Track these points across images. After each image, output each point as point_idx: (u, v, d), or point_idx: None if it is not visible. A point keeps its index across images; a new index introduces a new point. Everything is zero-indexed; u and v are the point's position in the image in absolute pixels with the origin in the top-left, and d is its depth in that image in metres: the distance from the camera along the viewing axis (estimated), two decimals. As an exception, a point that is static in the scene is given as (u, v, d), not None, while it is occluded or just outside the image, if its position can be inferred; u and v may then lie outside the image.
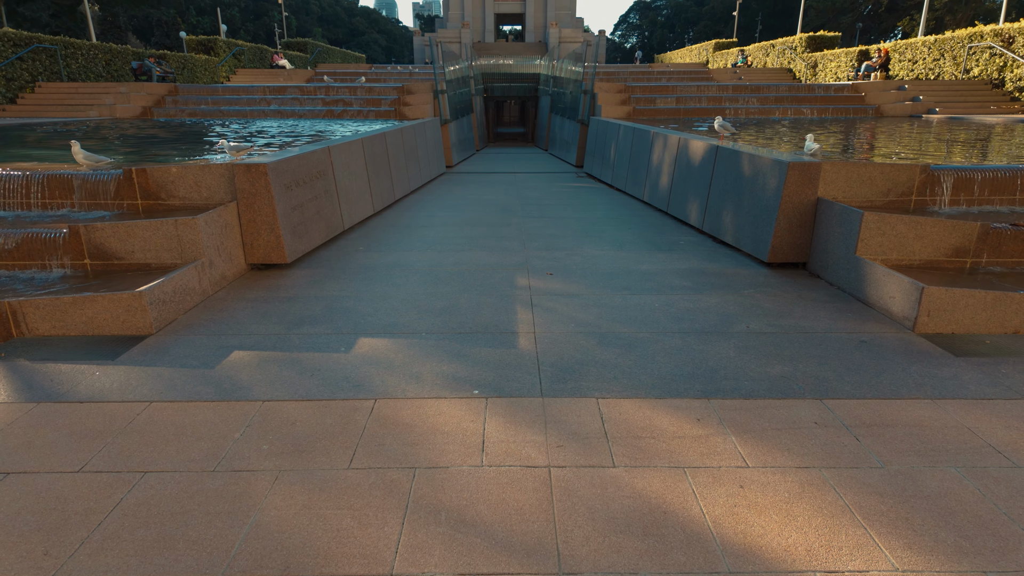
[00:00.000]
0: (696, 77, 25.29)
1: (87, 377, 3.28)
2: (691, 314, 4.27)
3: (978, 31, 18.12)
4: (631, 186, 9.89)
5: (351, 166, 7.28)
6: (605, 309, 4.38)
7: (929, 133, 10.35)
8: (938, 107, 15.94)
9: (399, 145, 9.74)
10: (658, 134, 8.79)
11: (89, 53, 20.11)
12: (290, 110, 15.86)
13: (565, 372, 3.35)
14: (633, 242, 6.55)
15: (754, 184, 5.67)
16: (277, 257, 5.27)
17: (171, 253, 4.48)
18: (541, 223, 7.57)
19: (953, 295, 3.81)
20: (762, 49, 31.26)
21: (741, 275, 5.21)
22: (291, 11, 76.67)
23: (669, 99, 16.79)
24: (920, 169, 5.00)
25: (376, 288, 4.87)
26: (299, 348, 3.69)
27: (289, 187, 5.47)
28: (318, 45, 39.78)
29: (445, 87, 16.47)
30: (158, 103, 16.67)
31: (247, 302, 4.52)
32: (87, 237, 4.38)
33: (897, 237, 4.45)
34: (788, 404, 3.00)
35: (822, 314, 4.25)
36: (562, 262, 5.71)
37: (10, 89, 17.05)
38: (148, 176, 4.96)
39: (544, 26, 58.75)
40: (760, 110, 15.94)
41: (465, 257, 5.86)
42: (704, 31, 76.36)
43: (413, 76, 24.16)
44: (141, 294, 3.80)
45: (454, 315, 4.26)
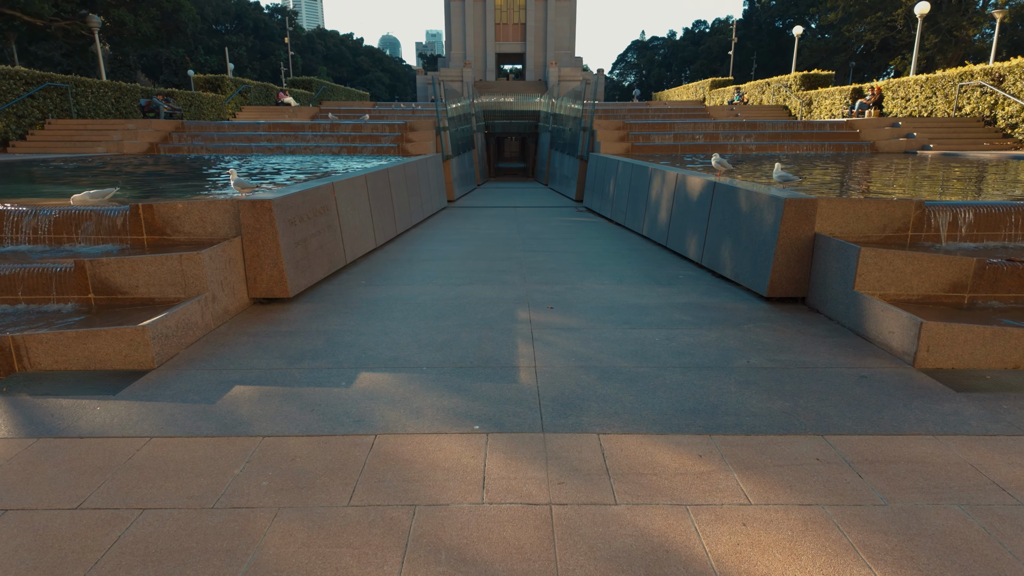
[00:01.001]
0: (693, 114, 25.78)
1: (88, 412, 3.28)
2: (691, 349, 4.28)
3: (968, 70, 18.54)
4: (630, 220, 9.99)
5: (354, 201, 7.39)
6: (605, 343, 4.39)
7: (924, 169, 10.50)
8: (932, 143, 16.20)
9: (401, 180, 9.89)
10: (656, 170, 8.93)
11: (99, 91, 20.57)
12: (294, 146, 16.13)
13: (566, 407, 3.35)
14: (633, 276, 6.59)
15: (751, 220, 5.75)
16: (280, 291, 5.31)
17: (175, 288, 4.52)
18: (542, 257, 7.64)
19: (952, 330, 3.83)
20: (757, 87, 31.93)
21: (741, 309, 5.24)
22: (297, 50, 78.60)
23: (667, 136, 17.09)
24: (915, 205, 5.08)
25: (377, 322, 4.89)
26: (300, 383, 3.69)
27: (293, 222, 5.55)
28: (323, 83, 40.65)
29: (447, 124, 16.79)
30: (165, 139, 16.98)
31: (249, 336, 4.54)
32: (92, 272, 4.42)
33: (894, 272, 4.49)
34: (790, 440, 2.99)
35: (822, 349, 4.26)
36: (562, 296, 5.74)
37: (20, 126, 17.39)
38: (154, 212, 5.04)
39: (544, 65, 60.17)
40: (757, 146, 16.21)
41: (466, 291, 5.90)
42: (700, 70, 78.12)
43: (416, 113, 24.63)
44: (144, 328, 3.83)
45: (455, 349, 4.27)
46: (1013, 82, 16.87)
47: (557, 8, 60.21)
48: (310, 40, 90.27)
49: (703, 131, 17.79)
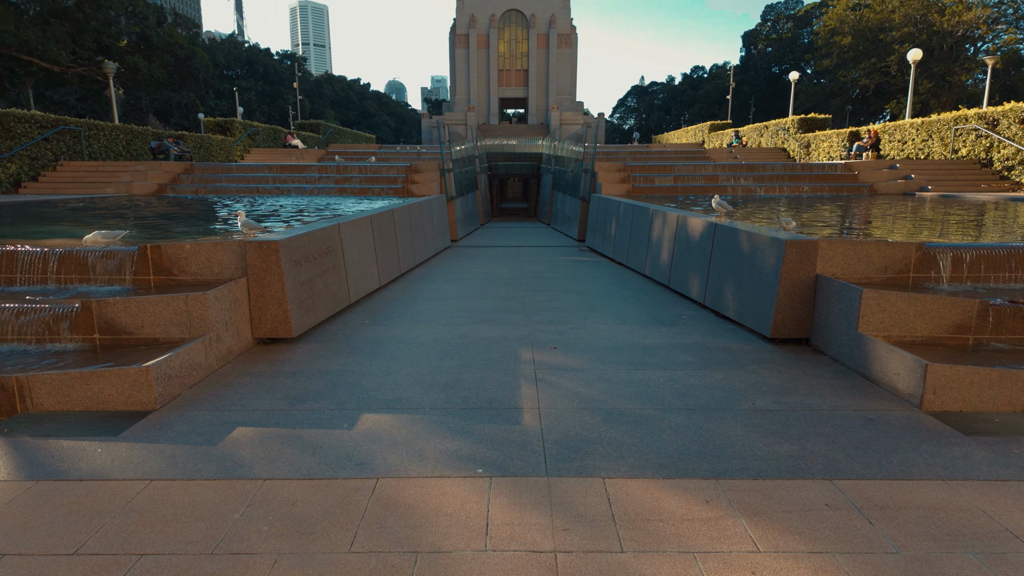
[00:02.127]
0: (693, 157, 26.21)
1: (88, 454, 3.25)
2: (696, 390, 4.25)
3: (963, 114, 18.92)
4: (632, 260, 10.06)
5: (359, 242, 7.47)
6: (609, 384, 4.37)
7: (924, 210, 10.61)
8: (930, 185, 16.41)
9: (406, 221, 10.02)
10: (657, 211, 9.03)
11: (111, 134, 21.06)
12: (301, 187, 16.39)
13: (570, 450, 3.32)
14: (636, 316, 6.60)
15: (753, 261, 5.79)
16: (283, 332, 5.32)
17: (180, 328, 4.54)
18: (544, 296, 7.66)
19: (958, 372, 3.81)
20: (756, 130, 32.54)
21: (745, 350, 5.22)
22: (305, 95, 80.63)
23: (667, 177, 17.35)
24: (916, 247, 5.11)
25: (380, 362, 4.89)
26: (302, 424, 3.67)
27: (299, 263, 5.60)
28: (330, 126, 41.55)
29: (451, 166, 17.09)
30: (173, 180, 17.28)
31: (252, 377, 4.53)
32: (99, 312, 4.45)
33: (897, 313, 4.49)
34: (798, 485, 2.95)
35: (827, 391, 4.23)
36: (566, 335, 5.74)
37: (33, 168, 17.75)
38: (162, 252, 5.10)
39: (546, 109, 61.58)
40: (757, 188, 16.42)
41: (469, 330, 5.90)
42: (699, 113, 79.74)
43: (421, 156, 25.11)
44: (148, 369, 3.83)
45: (458, 390, 4.25)
46: (1007, 126, 17.18)
47: (558, 55, 61.99)
48: (318, 85, 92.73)
49: (703, 173, 18.06)
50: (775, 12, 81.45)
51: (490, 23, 61.30)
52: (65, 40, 34.09)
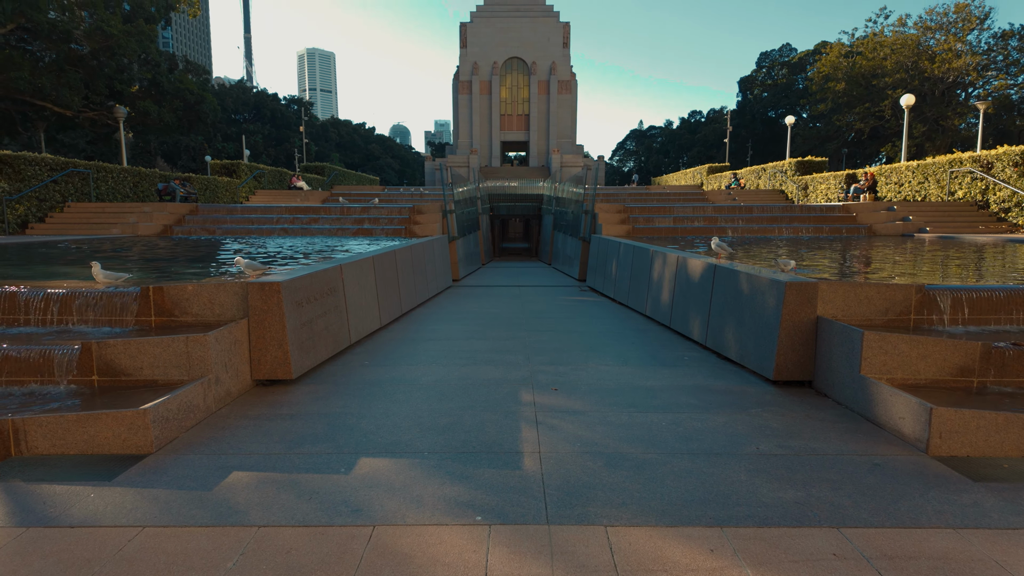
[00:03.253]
0: (692, 198, 26.53)
1: (81, 499, 3.20)
2: (699, 434, 4.20)
3: (957, 157, 19.21)
4: (633, 300, 10.06)
5: (361, 282, 7.50)
6: (611, 427, 4.31)
7: (924, 251, 10.67)
8: (928, 226, 16.54)
9: (408, 261, 10.08)
10: (657, 252, 9.09)
11: (119, 176, 21.44)
12: (305, 228, 16.56)
13: (571, 496, 3.25)
14: (637, 357, 6.56)
15: (753, 302, 5.79)
16: (283, 373, 5.29)
17: (179, 370, 4.52)
18: (545, 337, 7.64)
19: (963, 416, 3.76)
20: (754, 172, 33.02)
21: (748, 393, 5.18)
22: (311, 138, 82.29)
23: (666, 219, 17.52)
24: (915, 289, 5.12)
25: (379, 404, 4.84)
26: (299, 469, 3.62)
27: (300, 304, 5.61)
28: (335, 169, 42.25)
29: (453, 207, 17.30)
30: (179, 221, 17.48)
31: (249, 419, 4.49)
32: (98, 353, 4.44)
33: (900, 356, 4.47)
34: (804, 533, 2.88)
35: (832, 435, 4.17)
36: (567, 377, 5.70)
37: (41, 209, 18.00)
38: (164, 294, 5.12)
39: (547, 152, 62.70)
40: (756, 229, 16.56)
41: (469, 371, 5.87)
42: (697, 156, 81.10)
43: (424, 197, 25.45)
44: (145, 412, 3.80)
45: (457, 433, 4.20)
46: (1002, 168, 17.42)
47: (559, 101, 63.51)
48: (324, 129, 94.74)
49: (702, 214, 18.25)
50: (770, 59, 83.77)
51: (492, 70, 63.01)
52: (78, 86, 35.03)
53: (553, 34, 62.85)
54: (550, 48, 62.92)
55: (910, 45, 52.08)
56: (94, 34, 34.34)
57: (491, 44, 62.76)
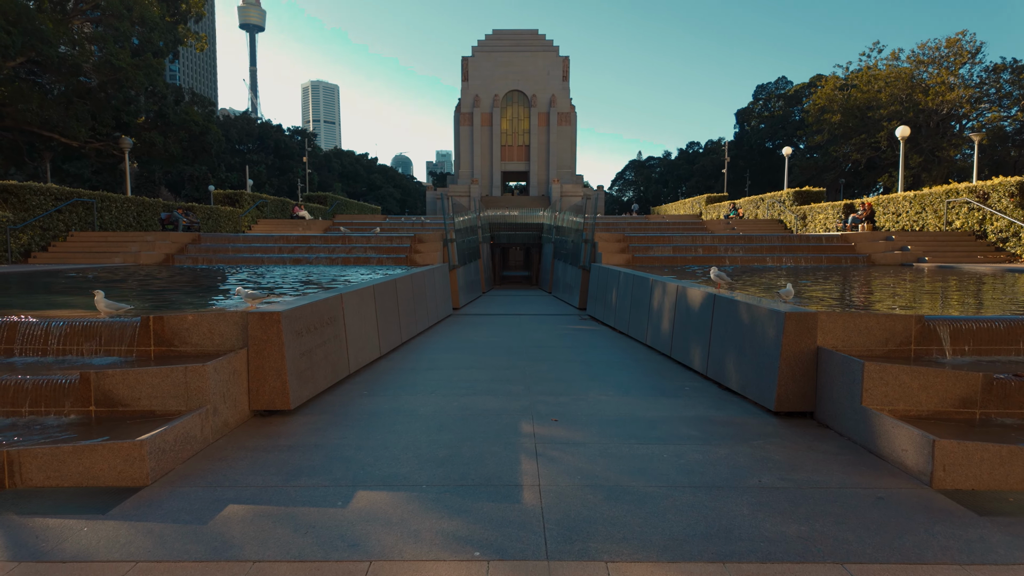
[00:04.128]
0: (691, 228, 26.69)
1: (74, 533, 3.15)
2: (701, 466, 4.15)
3: (954, 188, 19.39)
4: (633, 329, 10.05)
5: (361, 312, 7.51)
6: (612, 459, 4.27)
7: (924, 281, 10.69)
8: (927, 256, 16.59)
9: (408, 290, 10.10)
10: (657, 281, 9.12)
11: (123, 205, 21.62)
12: (306, 257, 16.64)
13: (572, 531, 3.20)
14: (638, 387, 6.53)
15: (753, 333, 5.79)
16: (281, 403, 5.26)
17: (177, 400, 4.50)
18: (546, 366, 7.61)
19: (967, 449, 3.73)
20: (752, 202, 33.28)
21: (749, 424, 5.13)
22: (314, 168, 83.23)
23: (666, 248, 17.60)
24: (915, 320, 5.12)
25: (377, 436, 4.80)
26: (296, 502, 3.57)
27: (300, 333, 5.61)
28: (337, 198, 42.64)
29: (454, 236, 17.41)
30: (181, 250, 17.57)
31: (247, 451, 4.45)
32: (97, 384, 4.43)
33: (901, 387, 4.45)
34: (808, 569, 2.83)
35: (834, 467, 4.12)
36: (567, 407, 5.66)
37: (44, 238, 18.11)
38: (164, 324, 5.13)
39: (547, 182, 63.37)
40: (755, 259, 16.62)
41: (468, 402, 5.83)
42: (696, 186, 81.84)
43: (425, 226, 25.61)
44: (142, 443, 3.77)
45: (456, 465, 4.16)
46: (998, 199, 17.57)
47: (559, 132, 64.44)
48: (327, 159, 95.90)
49: (701, 244, 18.33)
50: (766, 91, 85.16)
51: (493, 102, 64.09)
52: (86, 118, 35.58)
53: (553, 68, 64.10)
54: (550, 81, 64.10)
55: (904, 78, 53.03)
56: (103, 67, 35.03)
57: (492, 77, 63.97)
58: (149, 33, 37.02)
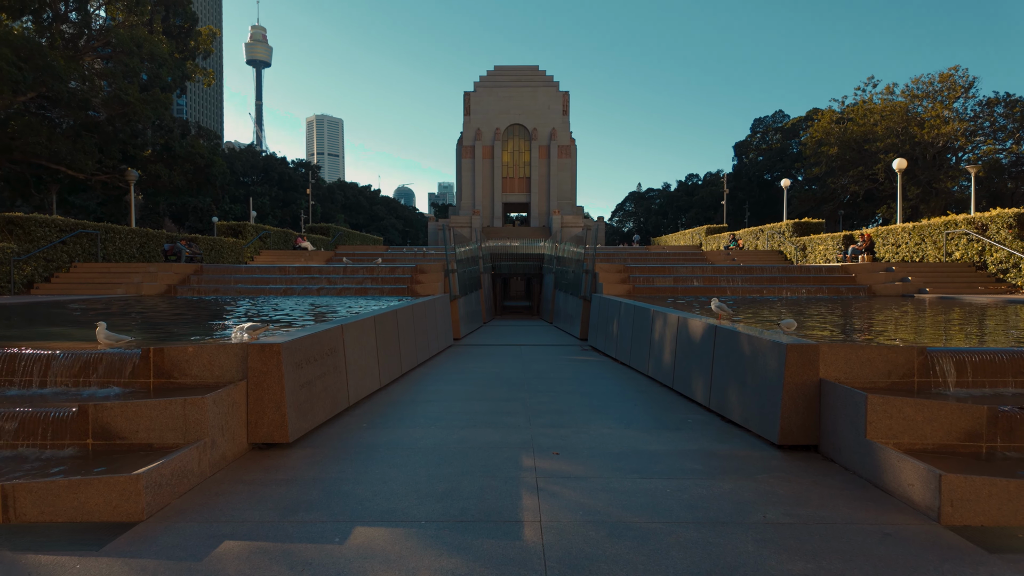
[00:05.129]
0: (691, 259, 26.78)
1: (66, 571, 3.09)
2: (705, 501, 4.09)
3: (952, 219, 19.52)
4: (635, 360, 10.00)
5: (362, 343, 7.49)
6: (614, 494, 4.21)
7: (926, 312, 10.67)
8: (928, 287, 16.60)
9: (409, 321, 10.09)
10: (658, 312, 9.11)
11: (126, 237, 21.78)
12: (308, 288, 16.67)
13: (573, 569, 3.14)
14: (640, 420, 6.47)
15: (755, 364, 5.76)
16: (279, 436, 5.22)
17: (175, 433, 4.46)
18: (547, 398, 7.55)
19: (974, 483, 3.67)
20: (752, 233, 33.46)
21: (753, 458, 5.07)
22: (318, 199, 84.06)
23: (667, 278, 17.64)
24: (918, 351, 5.10)
25: (376, 469, 4.74)
26: (292, 538, 3.51)
27: (300, 365, 5.59)
28: (339, 229, 42.93)
29: (455, 266, 17.48)
30: (183, 281, 17.63)
31: (244, 485, 4.39)
32: (95, 416, 4.39)
33: (905, 420, 4.40)
34: (816, 609, 2.76)
35: (840, 502, 4.06)
36: (568, 440, 5.60)
37: (47, 269, 18.20)
38: (164, 355, 5.12)
39: (547, 213, 63.88)
40: (756, 289, 16.63)
41: (469, 434, 5.77)
42: (696, 217, 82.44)
43: (427, 257, 25.74)
44: (138, 477, 3.72)
45: (456, 500, 4.09)
46: (996, 230, 17.66)
47: (559, 164, 65.29)
48: (330, 191, 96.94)
49: (702, 274, 18.37)
50: (763, 125, 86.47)
51: (495, 136, 65.07)
52: (93, 151, 36.11)
53: (553, 102, 65.27)
54: (550, 115, 65.19)
55: (899, 112, 53.89)
56: (112, 102, 35.71)
57: (493, 112, 65.10)
58: (158, 69, 37.83)
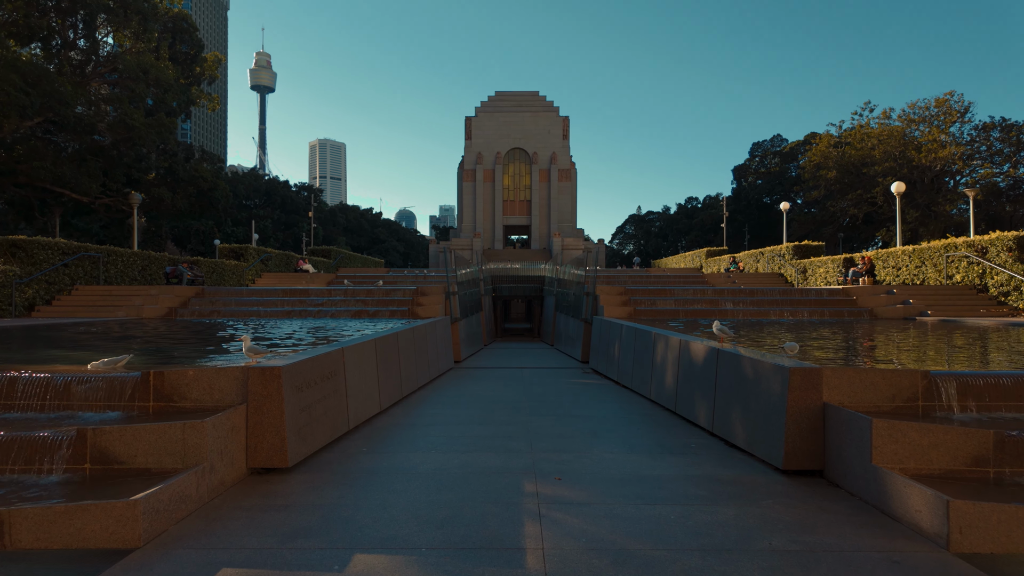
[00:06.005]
0: (692, 281, 26.79)
1: (60, 599, 3.03)
2: (709, 528, 4.02)
3: (952, 242, 19.57)
4: (637, 383, 9.94)
5: (362, 366, 7.46)
6: (618, 521, 4.14)
7: (929, 335, 10.64)
8: (930, 310, 16.57)
9: (410, 344, 10.06)
10: (659, 335, 9.08)
11: (129, 259, 21.85)
12: (309, 310, 16.66)
13: (576, 597, 3.08)
14: (644, 444, 6.41)
15: (758, 388, 5.72)
16: (279, 461, 5.16)
17: (174, 457, 4.42)
18: (548, 421, 7.49)
19: (983, 510, 3.62)
20: (752, 256, 33.54)
21: (758, 483, 5.01)
22: (320, 222, 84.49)
23: (668, 301, 17.62)
24: (921, 375, 5.06)
25: (376, 495, 4.69)
26: (290, 566, 3.45)
27: (300, 388, 5.56)
28: (341, 252, 43.09)
29: (456, 288, 17.48)
30: (184, 304, 17.63)
31: (242, 510, 4.34)
32: (93, 441, 4.36)
33: (911, 444, 4.36)
34: (825, 640, 2.70)
35: (847, 529, 3.99)
36: (571, 465, 5.54)
37: (49, 292, 18.22)
38: (164, 379, 5.09)
39: (548, 235, 64.17)
40: (757, 312, 16.61)
41: (470, 459, 5.71)
42: (696, 240, 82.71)
43: (427, 279, 25.75)
44: (135, 503, 3.68)
45: (457, 527, 4.03)
46: (996, 253, 17.69)
47: (559, 188, 65.82)
48: (332, 214, 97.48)
49: (703, 297, 18.37)
50: (762, 149, 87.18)
51: (495, 159, 65.71)
52: (97, 175, 36.44)
53: (553, 127, 66.06)
54: (550, 140, 65.93)
55: (896, 136, 54.39)
56: (117, 126, 36.14)
57: (494, 136, 65.86)
58: (164, 94, 38.38)
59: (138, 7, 36.11)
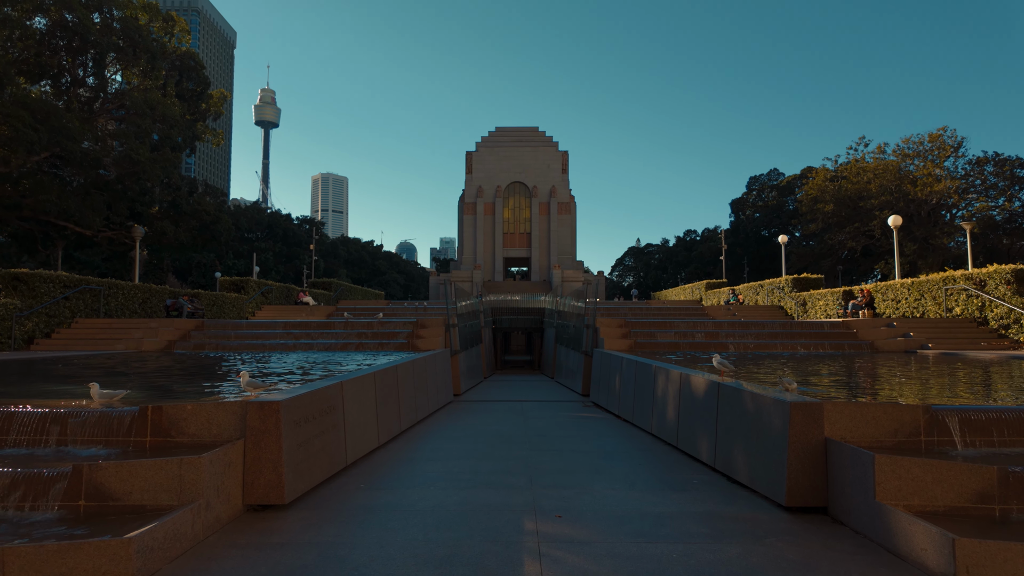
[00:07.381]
0: (692, 314, 26.77)
1: (49, 642, 2.97)
2: (713, 567, 3.95)
3: (951, 275, 19.63)
4: (638, 417, 9.87)
5: (361, 400, 7.42)
6: (620, 560, 4.07)
7: (931, 368, 10.60)
8: (931, 343, 16.52)
9: (409, 377, 10.02)
10: (660, 368, 9.05)
11: (129, 292, 21.90)
12: (308, 343, 16.62)
13: (577, 640, 3.01)
14: (645, 480, 6.33)
15: (759, 423, 5.68)
16: (275, 497, 5.10)
17: (169, 494, 4.37)
18: (548, 456, 7.41)
19: (989, 548, 3.56)
20: (752, 288, 33.60)
21: (761, 521, 4.94)
22: (321, 255, 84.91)
23: (668, 333, 17.58)
24: (923, 410, 5.04)
25: (373, 533, 4.62)
26: (286, 606, 3.38)
27: (298, 423, 5.53)
28: (341, 284, 43.17)
29: (456, 321, 17.48)
30: (183, 337, 17.60)
31: (237, 549, 4.27)
32: (88, 477, 4.31)
33: (914, 481, 4.31)
34: None
35: (852, 568, 3.92)
36: (571, 502, 5.46)
37: (49, 325, 18.21)
38: (162, 413, 5.06)
39: (548, 267, 64.44)
40: (758, 345, 16.56)
41: (469, 496, 5.64)
42: (695, 272, 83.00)
43: (427, 311, 25.75)
44: (129, 541, 3.62)
45: (456, 566, 3.97)
46: (995, 286, 17.74)
47: (559, 220, 66.38)
48: (333, 246, 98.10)
49: (703, 330, 18.33)
50: (759, 183, 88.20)
51: (496, 193, 66.44)
52: (101, 208, 36.81)
53: (552, 162, 67.02)
54: (550, 174, 66.81)
55: (891, 170, 55.11)
56: (122, 161, 36.67)
57: (495, 170, 66.77)
58: (169, 130, 39.05)
59: (147, 46, 37.03)
